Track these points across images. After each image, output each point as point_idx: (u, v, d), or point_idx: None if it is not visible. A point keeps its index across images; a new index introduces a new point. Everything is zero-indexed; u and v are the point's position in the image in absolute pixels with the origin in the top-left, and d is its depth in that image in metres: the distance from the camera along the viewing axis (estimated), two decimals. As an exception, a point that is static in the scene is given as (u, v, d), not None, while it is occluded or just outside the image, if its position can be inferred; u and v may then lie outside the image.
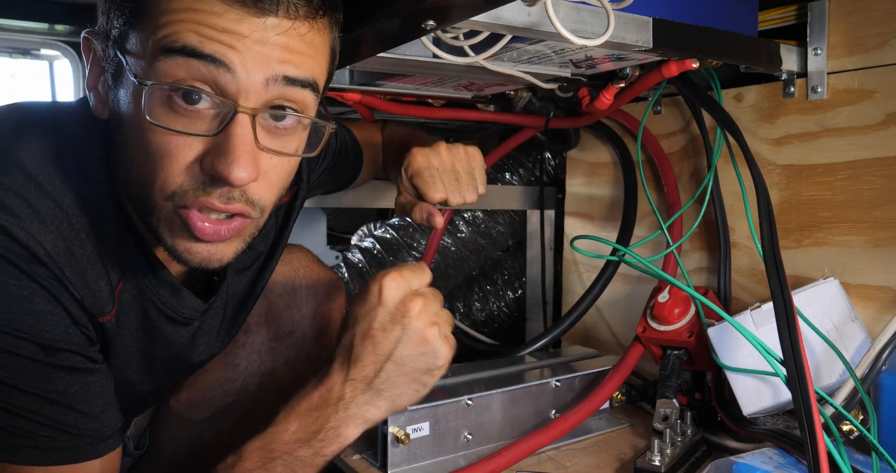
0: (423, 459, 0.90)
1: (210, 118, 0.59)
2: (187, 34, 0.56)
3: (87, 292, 0.63)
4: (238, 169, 0.58)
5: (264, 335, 0.95)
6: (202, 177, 0.60)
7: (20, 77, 1.17)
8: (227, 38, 0.56)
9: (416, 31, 0.73)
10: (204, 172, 0.59)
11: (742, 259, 1.09)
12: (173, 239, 0.63)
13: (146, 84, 0.57)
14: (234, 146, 0.58)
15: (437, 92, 1.16)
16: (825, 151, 0.98)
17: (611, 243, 0.95)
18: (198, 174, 0.60)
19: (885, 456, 0.71)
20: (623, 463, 0.93)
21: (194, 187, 0.60)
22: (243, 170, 0.58)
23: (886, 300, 0.92)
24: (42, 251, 0.59)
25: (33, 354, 0.60)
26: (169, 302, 0.73)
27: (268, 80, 0.59)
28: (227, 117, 0.58)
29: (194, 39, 0.56)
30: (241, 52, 0.57)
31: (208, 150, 0.59)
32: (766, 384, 0.86)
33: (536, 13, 0.72)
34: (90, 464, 0.65)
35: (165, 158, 0.59)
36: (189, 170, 0.59)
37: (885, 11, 0.91)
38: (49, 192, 0.61)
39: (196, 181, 0.60)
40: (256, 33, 0.57)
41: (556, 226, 1.52)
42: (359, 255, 1.59)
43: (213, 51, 0.56)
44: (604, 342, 1.33)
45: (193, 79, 0.57)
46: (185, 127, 0.58)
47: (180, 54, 0.56)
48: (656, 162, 1.20)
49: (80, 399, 0.63)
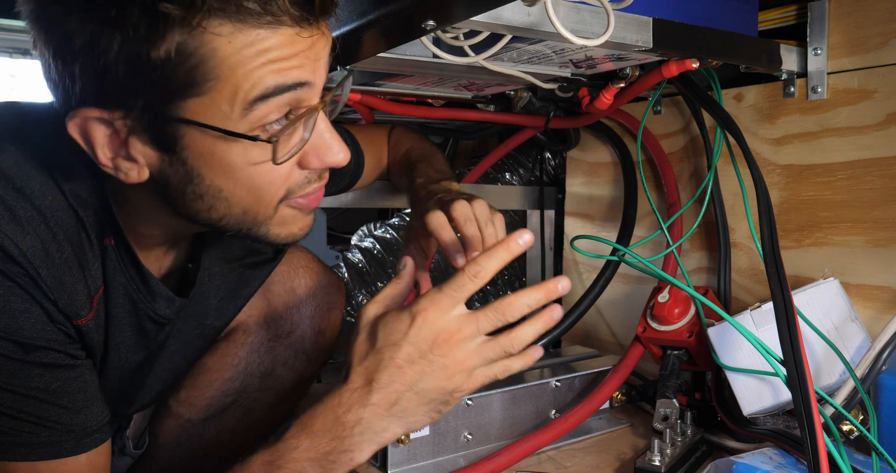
0: (422, 459, 0.90)
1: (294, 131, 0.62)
2: (272, 76, 0.57)
3: (62, 294, 0.63)
4: (341, 154, 0.64)
5: (263, 334, 0.95)
6: (304, 173, 0.64)
7: (20, 77, 1.17)
8: (297, 62, 0.58)
9: (416, 31, 0.73)
10: (306, 168, 0.64)
11: (742, 259, 1.09)
12: (289, 229, 0.67)
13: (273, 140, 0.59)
14: (330, 139, 0.63)
15: (437, 92, 1.16)
16: (825, 151, 0.98)
17: (611, 243, 0.95)
18: (298, 174, 0.64)
19: (885, 456, 0.71)
20: (623, 463, 0.93)
21: (300, 184, 0.64)
22: (343, 153, 0.64)
23: (886, 299, 0.92)
24: (17, 251, 0.59)
25: (12, 352, 0.60)
26: (160, 310, 0.74)
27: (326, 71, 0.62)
28: (312, 120, 0.62)
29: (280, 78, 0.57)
30: (308, 66, 0.59)
31: (305, 151, 0.63)
32: (766, 384, 0.86)
33: (536, 13, 0.72)
34: (75, 459, 0.65)
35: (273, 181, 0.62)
36: (290, 176, 0.63)
37: (885, 11, 0.91)
38: (27, 195, 0.61)
39: (300, 179, 0.64)
40: (309, 42, 0.58)
41: (556, 226, 1.52)
42: (359, 255, 1.59)
43: (295, 78, 0.58)
44: (604, 342, 1.33)
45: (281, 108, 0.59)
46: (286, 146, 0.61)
47: (272, 97, 0.57)
48: (656, 162, 1.20)
49: (63, 395, 0.64)
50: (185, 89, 0.55)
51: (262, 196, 0.63)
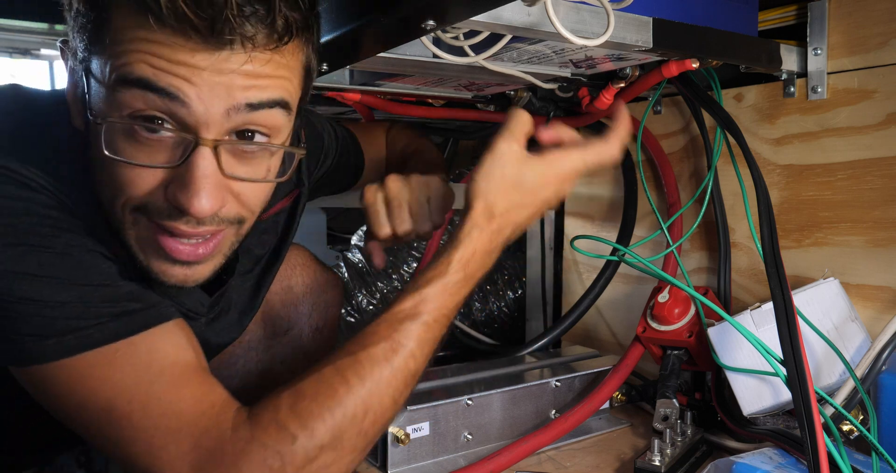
0: (423, 459, 0.90)
1: (172, 147, 0.57)
2: (141, 66, 0.54)
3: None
4: (199, 202, 0.56)
5: (261, 333, 0.95)
6: (167, 204, 0.58)
7: (20, 77, 1.17)
8: (182, 71, 0.54)
9: (416, 31, 0.73)
10: (168, 200, 0.58)
11: (742, 259, 1.09)
12: (148, 259, 0.62)
13: (103, 121, 0.56)
14: (196, 178, 0.56)
15: (437, 92, 1.16)
16: (825, 151, 0.98)
17: (611, 243, 0.95)
18: (158, 196, 0.58)
19: (885, 456, 0.71)
20: (623, 463, 0.93)
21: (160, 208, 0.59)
22: (205, 202, 0.57)
23: (886, 299, 0.92)
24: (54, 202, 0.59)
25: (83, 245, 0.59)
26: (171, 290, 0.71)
27: (228, 110, 0.56)
28: (189, 148, 0.57)
29: (148, 72, 0.54)
30: (196, 85, 0.55)
31: (172, 178, 0.58)
32: (766, 384, 0.86)
33: (536, 13, 0.72)
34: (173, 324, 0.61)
35: (129, 185, 0.58)
36: (153, 194, 0.58)
37: (885, 11, 0.91)
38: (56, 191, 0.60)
39: (157, 202, 0.59)
40: (214, 65, 0.54)
41: (556, 226, 1.52)
42: (359, 255, 1.59)
43: (167, 84, 0.54)
44: (604, 342, 1.33)
45: (152, 109, 0.56)
46: (148, 156, 0.57)
47: (136, 86, 0.55)
48: (656, 162, 1.20)
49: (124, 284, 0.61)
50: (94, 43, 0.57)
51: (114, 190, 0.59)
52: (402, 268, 1.56)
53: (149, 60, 0.54)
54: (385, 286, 1.54)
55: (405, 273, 1.55)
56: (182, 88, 0.54)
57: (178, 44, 0.53)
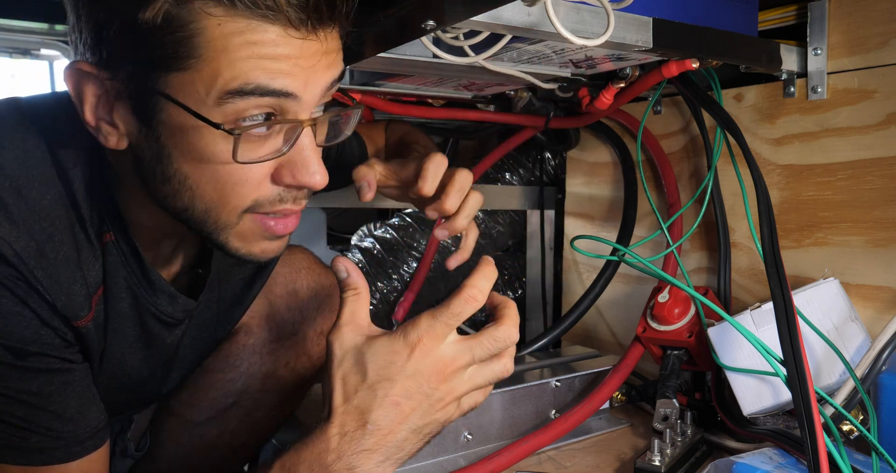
0: (423, 459, 0.90)
1: (274, 135, 0.60)
2: (256, 73, 0.55)
3: (59, 295, 0.62)
4: (317, 176, 0.61)
5: (265, 336, 0.95)
6: (276, 189, 0.62)
7: (20, 77, 1.17)
8: (287, 67, 0.56)
9: (416, 32, 0.73)
10: (279, 183, 0.62)
11: (742, 259, 1.09)
12: (249, 246, 0.65)
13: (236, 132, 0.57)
14: (310, 157, 0.61)
15: (437, 92, 1.16)
16: (825, 151, 0.98)
17: (611, 243, 0.95)
18: (270, 188, 0.62)
19: (885, 456, 0.71)
20: (623, 463, 0.93)
21: (270, 199, 0.62)
22: (320, 175, 0.62)
23: (886, 299, 0.92)
24: (10, 252, 0.58)
25: (2, 355, 0.60)
26: (162, 306, 0.73)
27: (322, 91, 0.60)
28: (295, 134, 0.60)
29: (264, 78, 0.56)
30: (299, 76, 0.57)
31: (281, 164, 0.61)
32: (766, 384, 0.86)
33: (536, 13, 0.72)
34: (65, 467, 0.64)
35: (240, 184, 0.60)
36: (261, 187, 0.61)
37: (885, 11, 0.91)
38: (25, 194, 0.61)
39: (271, 194, 0.62)
40: (305, 51, 0.57)
41: (556, 226, 1.52)
42: (359, 255, 1.59)
43: (282, 85, 0.57)
44: (604, 342, 1.33)
45: (261, 109, 0.58)
46: (257, 151, 0.59)
47: (253, 94, 0.56)
48: (656, 162, 1.20)
49: (55, 400, 0.63)
50: (169, 61, 0.55)
51: (226, 198, 0.61)
52: (402, 268, 1.55)
53: (260, 65, 0.55)
54: (385, 286, 1.54)
55: (405, 273, 1.54)
56: (292, 86, 0.57)
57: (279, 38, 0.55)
